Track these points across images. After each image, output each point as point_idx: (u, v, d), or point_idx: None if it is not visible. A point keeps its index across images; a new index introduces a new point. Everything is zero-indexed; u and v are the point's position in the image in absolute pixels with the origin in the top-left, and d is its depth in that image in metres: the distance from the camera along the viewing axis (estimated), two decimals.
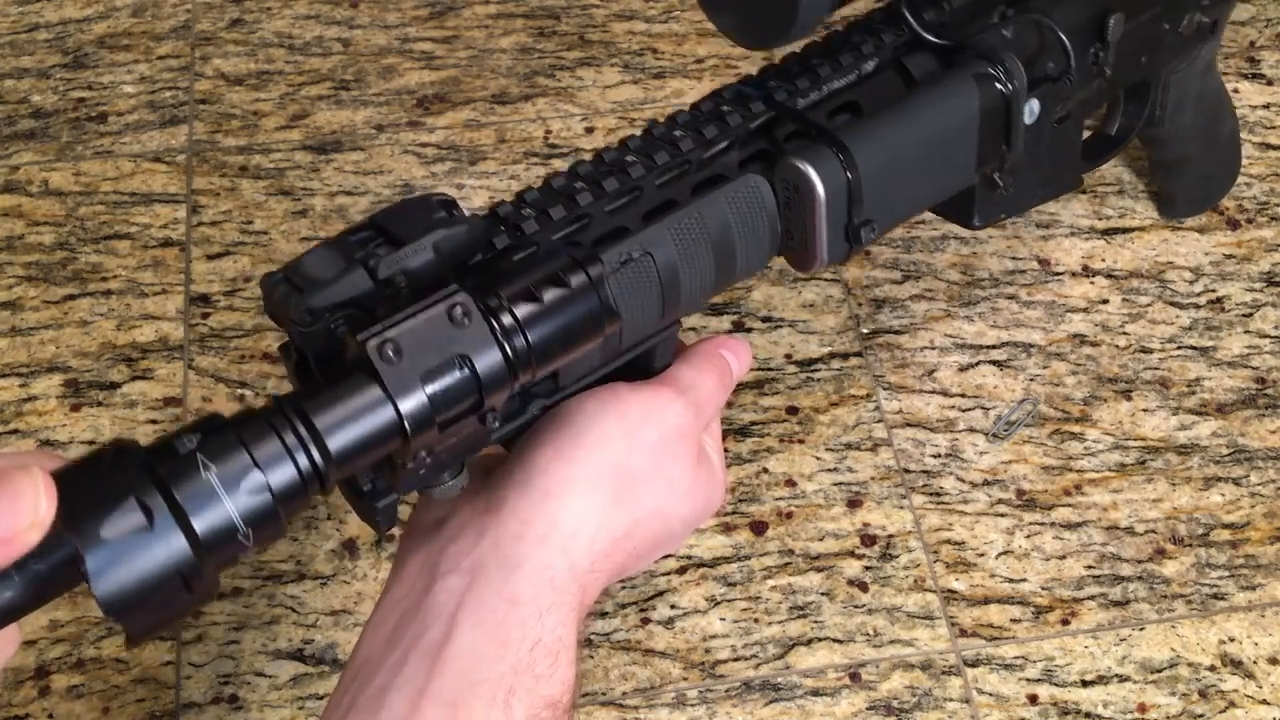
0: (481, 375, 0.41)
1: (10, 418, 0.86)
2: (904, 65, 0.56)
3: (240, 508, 0.38)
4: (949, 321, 0.90)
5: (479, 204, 0.97)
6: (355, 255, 0.42)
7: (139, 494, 0.36)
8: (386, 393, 0.40)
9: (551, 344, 0.44)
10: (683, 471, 0.49)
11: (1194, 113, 0.84)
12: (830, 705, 0.74)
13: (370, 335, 0.40)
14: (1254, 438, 0.85)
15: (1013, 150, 0.57)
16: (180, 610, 0.38)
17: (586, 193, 0.48)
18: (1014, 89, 0.55)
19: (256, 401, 0.86)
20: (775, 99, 0.52)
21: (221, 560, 0.38)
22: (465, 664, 0.43)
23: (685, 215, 0.49)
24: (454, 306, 0.41)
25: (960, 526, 0.81)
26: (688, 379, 0.51)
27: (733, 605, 0.78)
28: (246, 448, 0.38)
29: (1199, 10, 0.72)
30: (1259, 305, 0.91)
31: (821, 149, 0.51)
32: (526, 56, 1.08)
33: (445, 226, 0.43)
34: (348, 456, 0.40)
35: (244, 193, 0.98)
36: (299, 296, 0.41)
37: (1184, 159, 0.90)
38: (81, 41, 1.09)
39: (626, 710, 0.74)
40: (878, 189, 0.52)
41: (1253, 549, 0.80)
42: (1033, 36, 0.59)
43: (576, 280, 0.44)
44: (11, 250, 0.95)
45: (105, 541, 0.35)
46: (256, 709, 0.74)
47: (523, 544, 0.46)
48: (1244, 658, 0.76)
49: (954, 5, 0.58)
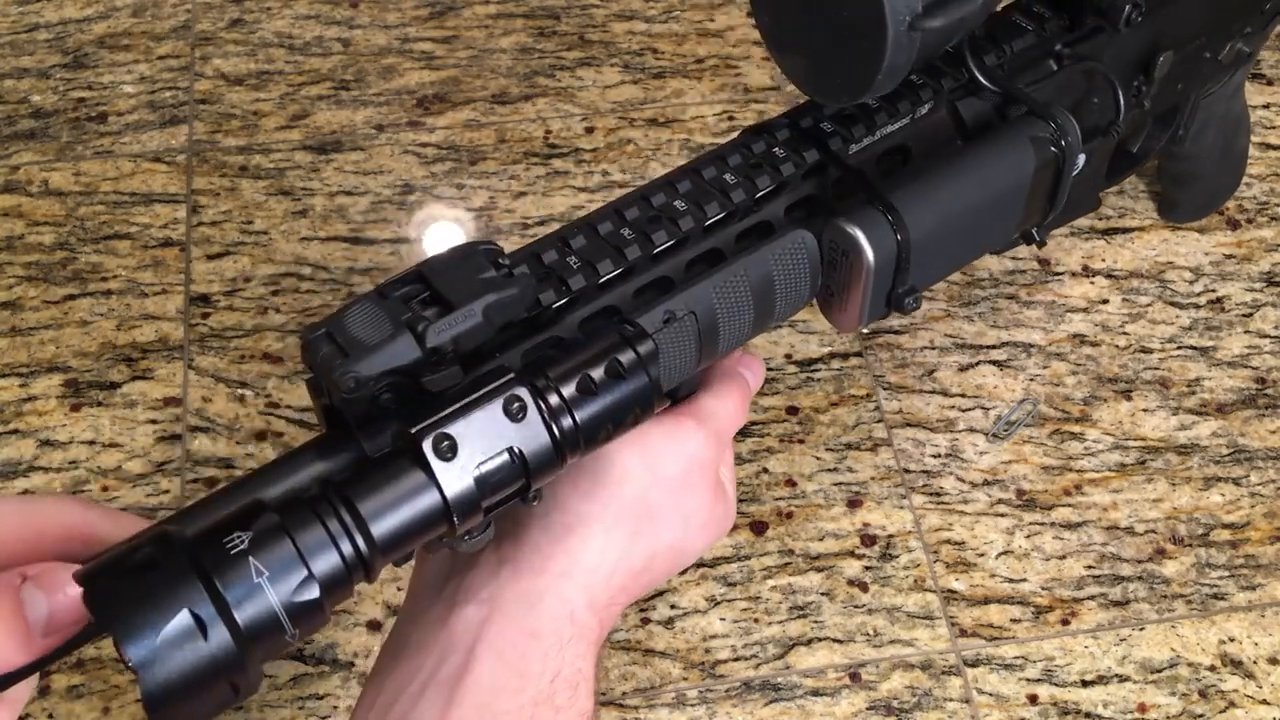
0: (530, 462, 0.41)
1: (10, 418, 0.86)
2: (957, 110, 0.54)
3: (289, 608, 0.37)
4: (949, 321, 0.90)
5: (479, 204, 0.97)
6: (402, 317, 0.40)
7: (193, 605, 0.35)
8: (437, 484, 0.40)
9: (600, 426, 0.43)
10: (700, 505, 0.49)
11: (1216, 133, 0.83)
12: (830, 705, 0.74)
13: (425, 429, 0.39)
14: (1254, 438, 0.85)
15: (1056, 208, 0.56)
16: (223, 708, 0.37)
17: (635, 245, 0.47)
18: (1066, 147, 0.53)
19: (256, 402, 0.86)
20: (829, 148, 0.51)
21: (265, 657, 0.38)
22: (485, 696, 0.43)
23: (731, 273, 0.48)
24: (511, 401, 0.40)
25: (960, 526, 0.81)
26: (709, 406, 0.51)
27: (733, 605, 0.78)
28: (296, 546, 0.38)
29: (1240, 39, 0.71)
30: (1259, 305, 0.91)
31: (873, 213, 0.49)
32: (526, 56, 1.08)
33: (495, 290, 0.41)
34: (392, 544, 0.40)
35: (244, 193, 0.98)
36: (344, 360, 0.40)
37: (1195, 174, 0.90)
38: (81, 41, 1.09)
39: (626, 710, 0.74)
40: (924, 254, 0.51)
41: (1253, 549, 0.80)
42: (1082, 81, 0.58)
43: (627, 360, 0.43)
44: (11, 250, 0.95)
45: (156, 648, 0.35)
46: (256, 709, 0.74)
47: (543, 578, 0.46)
48: (1244, 658, 0.76)
49: (1015, 48, 0.56)
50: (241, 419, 0.86)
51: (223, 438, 0.85)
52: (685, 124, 1.02)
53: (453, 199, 0.98)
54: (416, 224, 0.97)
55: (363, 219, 0.96)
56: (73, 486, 0.83)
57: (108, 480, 0.83)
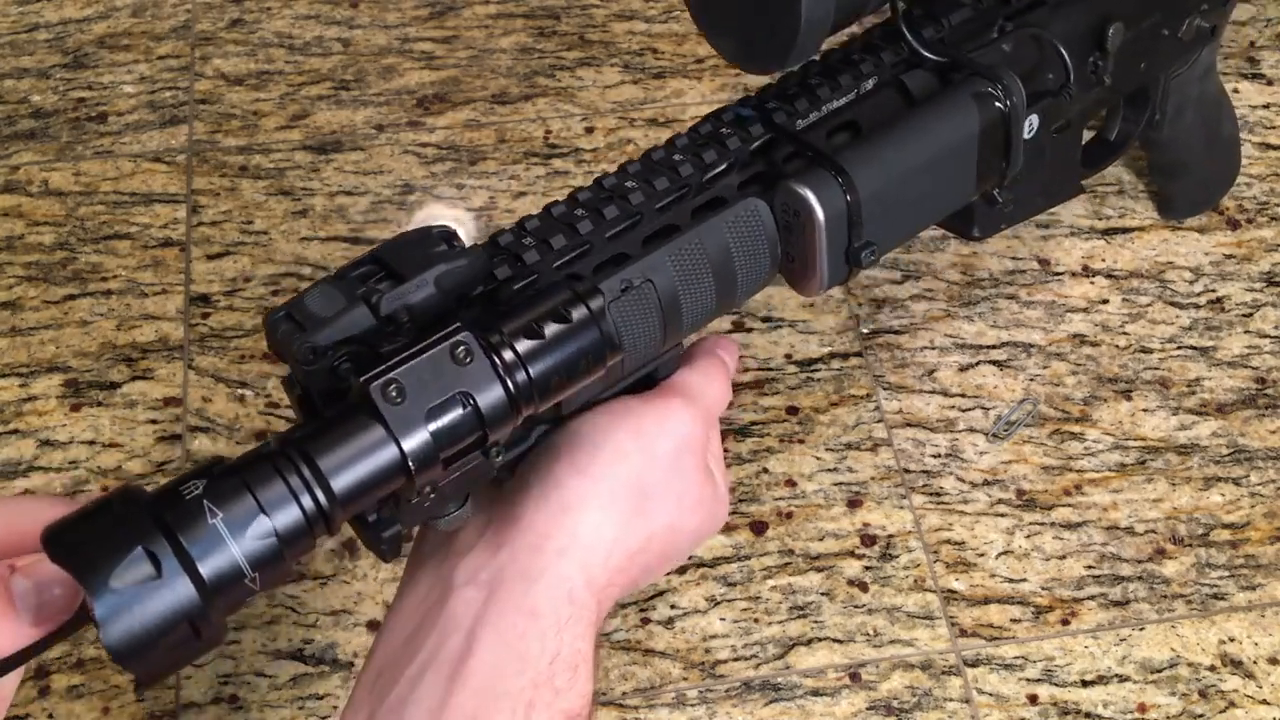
0: (484, 411, 0.42)
1: (10, 418, 0.86)
2: (903, 83, 0.55)
3: (247, 552, 0.38)
4: (949, 321, 0.90)
5: (479, 204, 0.97)
6: (357, 292, 0.42)
7: (146, 543, 0.36)
8: (390, 432, 0.40)
9: (553, 378, 0.44)
10: (692, 485, 0.50)
11: (1194, 116, 0.83)
12: (830, 705, 0.74)
13: (373, 377, 0.40)
14: (1254, 438, 0.85)
15: (1012, 166, 0.57)
16: (188, 656, 0.38)
17: (587, 220, 0.48)
18: (1013, 106, 0.55)
19: (256, 402, 0.86)
20: (774, 121, 0.52)
21: (228, 604, 0.38)
22: (485, 678, 0.43)
23: (685, 241, 0.48)
24: (457, 345, 0.41)
25: (960, 526, 0.81)
26: (696, 386, 0.51)
27: (733, 605, 0.78)
28: (251, 492, 0.38)
29: (1199, 15, 0.72)
30: (1259, 305, 0.91)
31: (820, 172, 0.50)
32: (526, 56, 1.08)
33: (446, 260, 0.43)
34: (352, 496, 0.40)
35: (244, 193, 0.98)
36: (302, 335, 0.41)
37: (1184, 162, 0.90)
38: (81, 41, 1.09)
39: (626, 710, 0.74)
40: (877, 211, 0.52)
41: (1253, 549, 0.80)
42: (1031, 50, 0.59)
43: (577, 314, 0.44)
44: (11, 250, 0.95)
45: (114, 590, 0.35)
46: (256, 709, 0.74)
47: (541, 557, 0.46)
48: (1244, 658, 0.76)
49: (953, 22, 0.58)
50: (241, 419, 0.86)
51: (223, 438, 0.85)
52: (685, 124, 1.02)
53: (453, 199, 0.98)
54: (416, 224, 0.96)
55: (363, 219, 0.97)
56: (73, 486, 0.83)
57: (107, 480, 0.83)
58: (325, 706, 0.74)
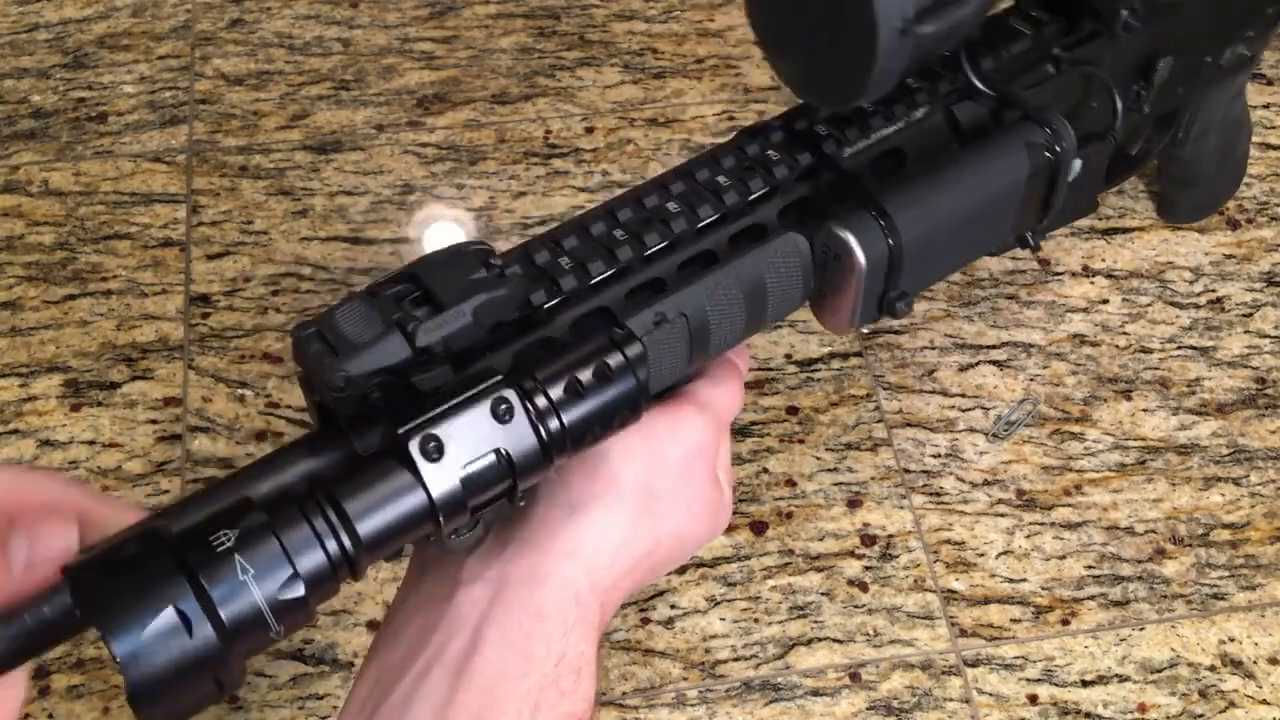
0: (517, 463, 0.41)
1: (10, 418, 0.86)
2: (953, 114, 0.54)
3: (274, 605, 0.38)
4: (949, 321, 0.90)
5: (479, 204, 0.97)
6: (393, 316, 0.41)
7: (177, 601, 0.36)
8: (423, 485, 0.40)
9: (587, 428, 0.43)
10: (701, 492, 0.50)
11: (1216, 137, 0.83)
12: (830, 705, 0.74)
13: (412, 430, 0.40)
14: (1254, 438, 0.85)
15: (1051, 213, 0.55)
16: (207, 703, 0.38)
17: (626, 246, 0.47)
18: (1062, 153, 0.53)
19: (256, 402, 0.86)
20: (823, 150, 0.51)
21: (249, 652, 0.38)
22: (491, 678, 0.43)
23: (723, 274, 0.48)
24: (499, 402, 0.41)
25: (960, 526, 0.81)
26: (707, 394, 0.51)
27: (733, 605, 0.78)
28: (282, 544, 0.38)
29: (1242, 43, 0.71)
30: (1259, 305, 0.91)
31: (864, 216, 0.49)
32: (526, 56, 1.08)
33: (486, 290, 0.42)
34: (378, 543, 0.40)
35: (244, 193, 0.98)
36: (334, 359, 0.40)
37: (1194, 176, 0.90)
38: (81, 41, 1.09)
39: (626, 710, 0.74)
40: (917, 258, 0.51)
41: (1253, 549, 0.80)
42: (1080, 86, 0.57)
43: (614, 362, 0.44)
44: (11, 250, 0.95)
45: (141, 643, 0.35)
46: (256, 709, 0.74)
47: (549, 559, 0.46)
48: (1244, 658, 0.76)
49: (1012, 52, 0.56)
50: (241, 419, 0.86)
51: (223, 438, 0.85)
52: (685, 124, 1.02)
53: (453, 199, 0.98)
54: (416, 224, 0.97)
55: (363, 219, 0.96)
56: None
57: (108, 480, 0.83)
58: (325, 706, 0.74)
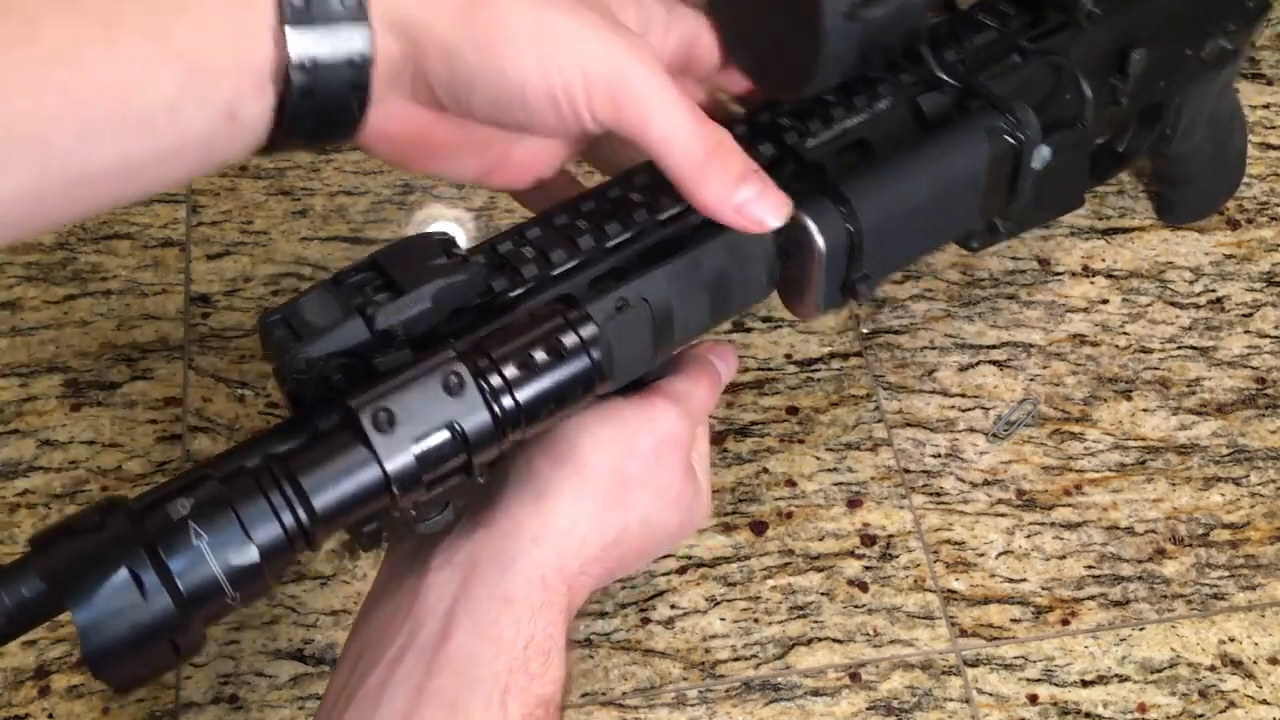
0: (470, 438, 0.42)
1: (10, 418, 0.86)
2: (918, 105, 0.54)
3: (229, 571, 0.39)
4: (949, 321, 0.90)
5: (479, 204, 0.97)
6: (354, 302, 0.42)
7: (130, 562, 0.37)
8: (375, 456, 0.40)
9: (541, 405, 0.44)
10: (672, 480, 0.50)
11: (1205, 133, 0.83)
12: (830, 705, 0.74)
13: (363, 401, 0.41)
14: (1254, 438, 0.85)
15: (1018, 199, 0.56)
16: (165, 667, 0.39)
17: (588, 235, 0.48)
18: (1025, 140, 0.53)
19: (256, 402, 0.86)
20: (785, 142, 0.52)
21: (207, 618, 0.39)
22: (462, 663, 0.44)
23: (684, 261, 0.48)
24: (449, 375, 0.42)
25: (960, 526, 0.81)
26: (681, 388, 0.52)
27: (733, 605, 0.78)
28: (236, 513, 0.39)
29: (1223, 36, 0.71)
30: (1259, 305, 0.91)
31: (824, 202, 0.50)
32: None
33: (444, 275, 0.43)
34: (334, 515, 0.41)
35: (244, 193, 0.98)
36: (296, 344, 0.42)
37: (1188, 173, 0.90)
38: None
39: (626, 710, 0.74)
40: (878, 243, 0.51)
41: (1253, 549, 0.80)
42: (1049, 76, 0.58)
43: (569, 342, 0.44)
44: (11, 250, 0.95)
45: (96, 606, 0.36)
46: (256, 709, 0.74)
47: (516, 542, 0.46)
48: (1244, 658, 0.76)
49: (976, 43, 0.57)
50: (241, 419, 0.86)
51: (223, 438, 0.85)
52: None
53: (453, 199, 0.98)
54: (416, 224, 0.97)
55: (363, 219, 0.96)
56: (73, 486, 0.83)
57: (108, 480, 0.83)
58: None
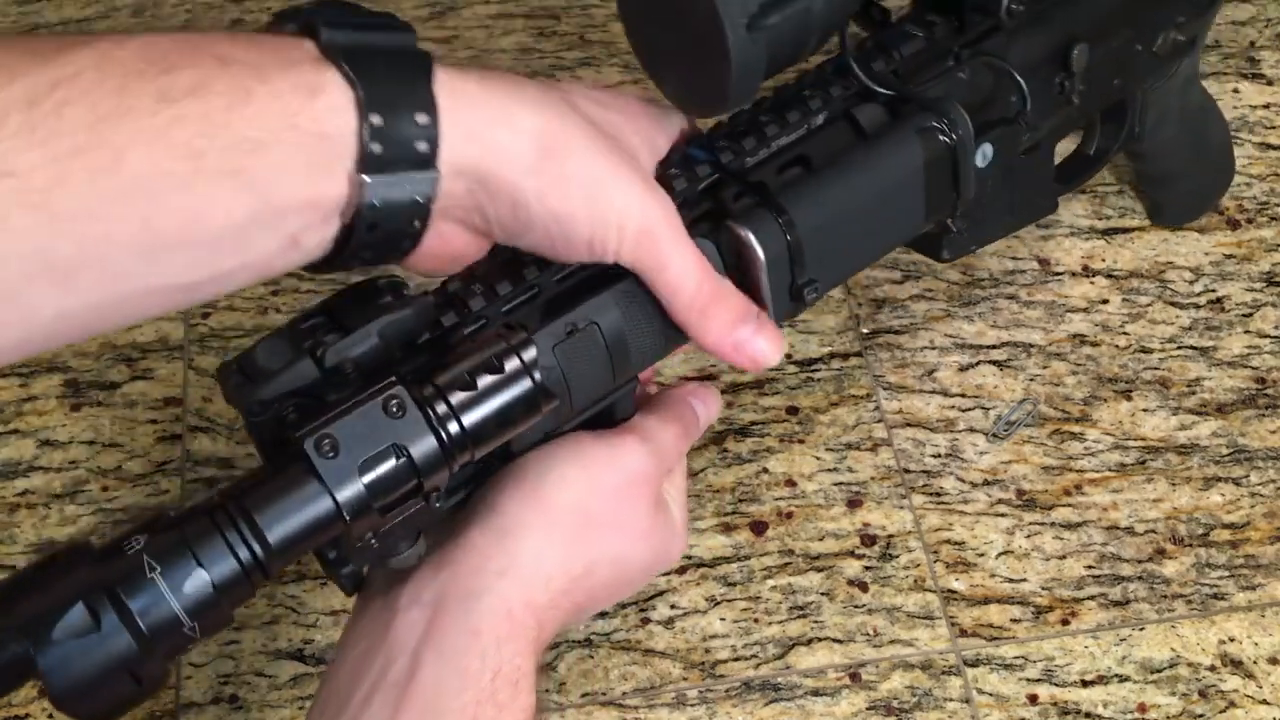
0: (418, 461, 0.43)
1: (10, 418, 0.86)
2: (854, 117, 0.55)
3: (185, 604, 0.40)
4: (949, 321, 0.90)
5: None
6: (304, 344, 0.44)
7: (87, 598, 0.38)
8: (324, 485, 0.42)
9: (486, 427, 0.45)
10: (640, 517, 0.51)
11: (1177, 127, 0.82)
12: (830, 705, 0.74)
13: (308, 432, 0.42)
14: (1254, 438, 0.85)
15: (963, 198, 0.57)
16: (131, 700, 0.40)
17: (533, 266, 0.49)
18: (959, 138, 0.54)
19: None
20: (721, 162, 0.53)
21: (169, 651, 0.40)
22: (430, 697, 0.45)
23: (630, 283, 0.49)
24: (390, 400, 0.43)
25: (960, 526, 0.81)
26: (651, 428, 0.53)
27: (733, 605, 0.78)
28: (190, 547, 0.40)
29: (1174, 29, 0.71)
30: (1259, 305, 0.91)
31: (762, 212, 0.51)
32: (526, 56, 1.08)
33: (390, 312, 0.44)
34: (288, 547, 0.42)
35: None
36: (250, 388, 0.43)
37: (1170, 172, 0.89)
38: None
39: (626, 710, 0.74)
40: (819, 249, 0.52)
41: (1253, 549, 0.80)
42: (987, 78, 0.58)
43: (510, 365, 0.45)
44: None
45: (56, 643, 0.38)
46: (256, 709, 0.74)
47: (482, 577, 0.47)
48: (1244, 658, 0.76)
49: (904, 53, 0.57)
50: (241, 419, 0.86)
51: (223, 438, 0.85)
52: None
53: None
54: None
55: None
56: (73, 486, 0.83)
57: (107, 480, 0.83)
58: None
